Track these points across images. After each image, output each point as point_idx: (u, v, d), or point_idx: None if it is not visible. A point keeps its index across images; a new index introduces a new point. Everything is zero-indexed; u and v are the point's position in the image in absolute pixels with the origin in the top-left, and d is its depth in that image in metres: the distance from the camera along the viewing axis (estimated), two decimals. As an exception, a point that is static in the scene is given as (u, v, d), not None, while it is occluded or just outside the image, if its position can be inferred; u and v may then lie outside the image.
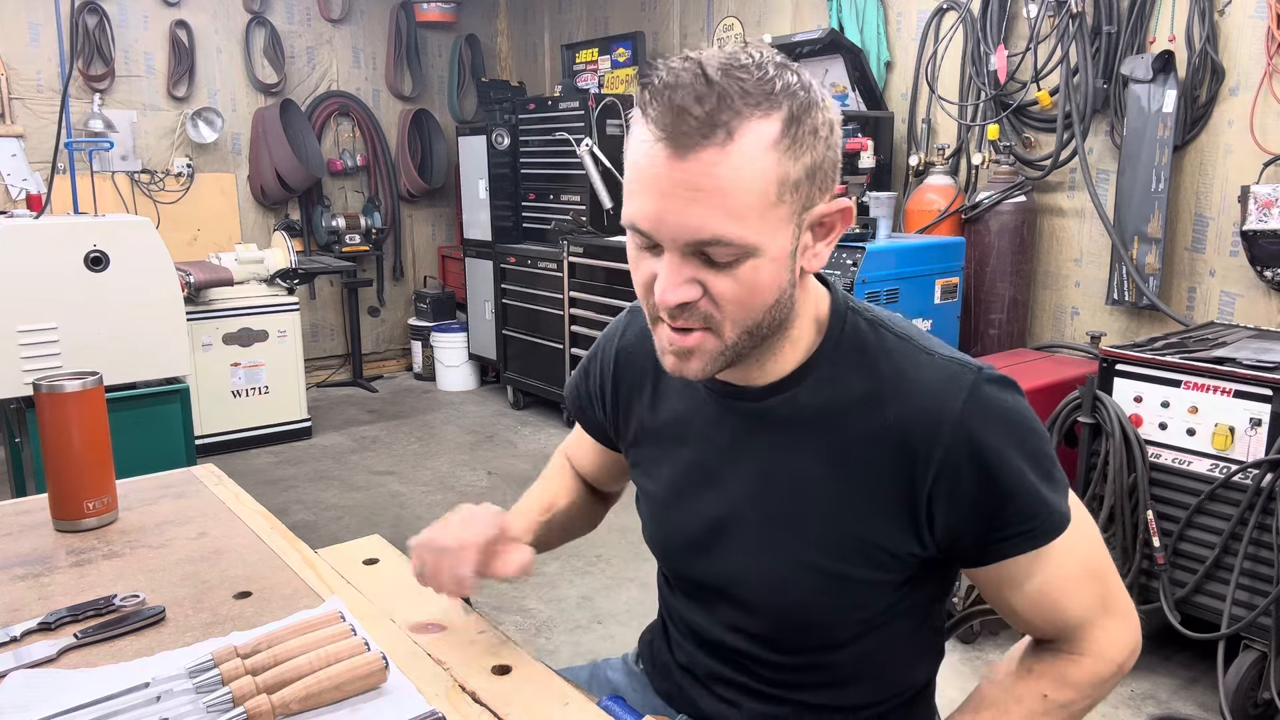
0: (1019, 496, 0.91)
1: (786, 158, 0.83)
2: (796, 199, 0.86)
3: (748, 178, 0.82)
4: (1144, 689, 2.53)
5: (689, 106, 0.80)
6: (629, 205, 0.87)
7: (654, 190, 0.84)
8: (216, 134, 5.56)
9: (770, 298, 0.89)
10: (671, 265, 0.86)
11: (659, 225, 0.85)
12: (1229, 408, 2.35)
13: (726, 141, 0.81)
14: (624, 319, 1.19)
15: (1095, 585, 0.98)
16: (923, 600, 1.04)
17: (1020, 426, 0.92)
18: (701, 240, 0.83)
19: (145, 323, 2.85)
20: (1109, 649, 0.98)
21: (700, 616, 1.11)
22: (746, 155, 0.82)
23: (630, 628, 2.87)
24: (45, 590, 1.16)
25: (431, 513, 3.92)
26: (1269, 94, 2.91)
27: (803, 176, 0.85)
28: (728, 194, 0.82)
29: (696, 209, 0.82)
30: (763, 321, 0.90)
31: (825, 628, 1.02)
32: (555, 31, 6.21)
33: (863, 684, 1.06)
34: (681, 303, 0.86)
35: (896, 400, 0.93)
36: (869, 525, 0.95)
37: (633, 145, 0.86)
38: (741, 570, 1.03)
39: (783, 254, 0.87)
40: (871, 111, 3.91)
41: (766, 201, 0.84)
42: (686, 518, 1.07)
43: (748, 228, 0.83)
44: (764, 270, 0.86)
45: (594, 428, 1.25)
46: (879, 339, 0.97)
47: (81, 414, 1.32)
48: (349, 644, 0.95)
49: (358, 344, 6.05)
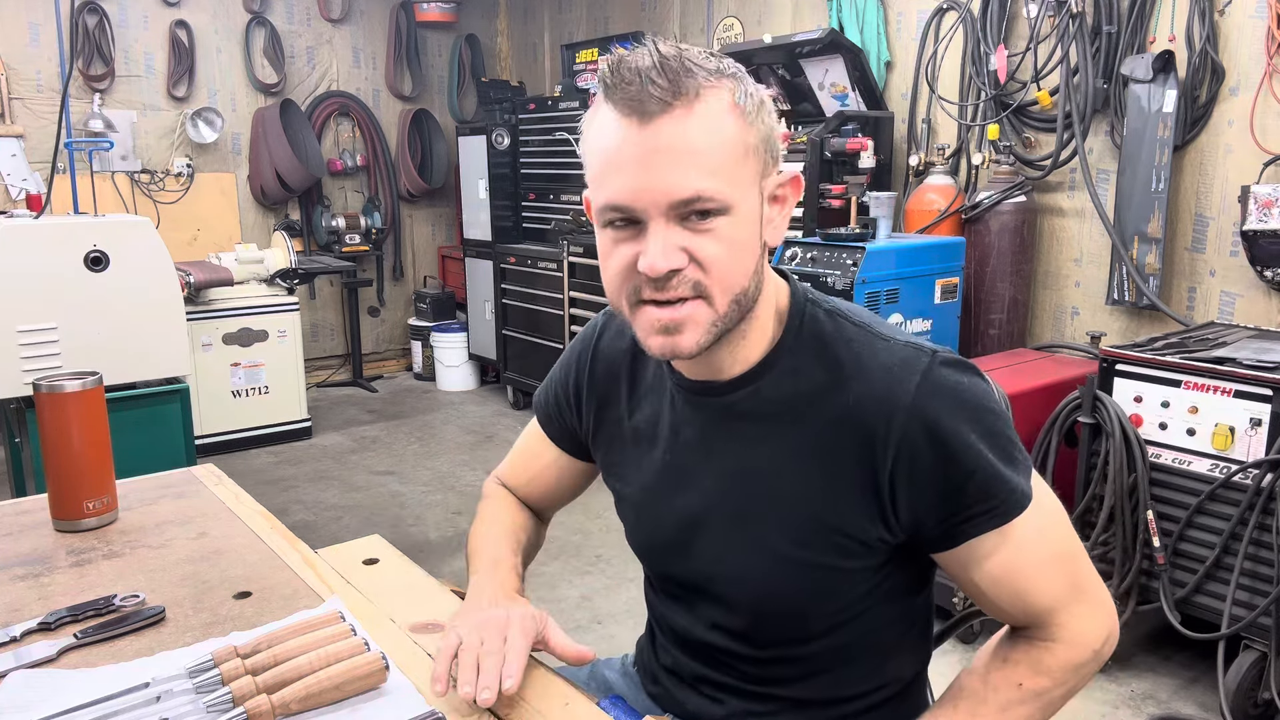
0: (977, 474, 0.92)
1: (743, 122, 0.89)
2: (756, 162, 0.91)
3: (718, 136, 0.88)
4: (1144, 689, 2.53)
5: (654, 78, 0.86)
6: (604, 189, 0.90)
7: (630, 164, 0.88)
8: (216, 134, 5.56)
9: (750, 260, 0.92)
10: (656, 233, 0.88)
11: (640, 195, 0.88)
12: (1229, 408, 2.35)
13: (694, 102, 0.87)
14: (599, 321, 1.20)
15: (1065, 569, 0.99)
16: (897, 591, 1.04)
17: (976, 407, 0.94)
18: (685, 199, 0.87)
19: (145, 323, 2.84)
20: (1082, 635, 0.98)
21: (682, 617, 1.12)
22: (713, 117, 0.87)
23: (629, 628, 2.88)
24: (45, 590, 1.16)
25: (431, 513, 3.93)
26: (1269, 94, 2.91)
27: (758, 143, 0.91)
28: (700, 152, 0.87)
29: (676, 169, 0.87)
30: (748, 288, 0.93)
31: (801, 618, 1.03)
32: (555, 31, 6.21)
33: (843, 676, 1.07)
34: (672, 269, 0.89)
35: (855, 385, 0.95)
36: (836, 513, 0.96)
37: (594, 134, 0.91)
38: (717, 566, 1.04)
39: (753, 217, 0.92)
40: (871, 111, 3.91)
41: (735, 159, 0.89)
42: (664, 517, 1.08)
43: (724, 182, 0.88)
44: (740, 229, 0.90)
45: (563, 434, 1.23)
46: (838, 328, 1.00)
47: (81, 414, 1.32)
48: (349, 644, 0.95)
49: (358, 344, 6.05)
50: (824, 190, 3.66)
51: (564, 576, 3.24)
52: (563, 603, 3.06)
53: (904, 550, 1.00)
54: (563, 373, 1.21)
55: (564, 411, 1.21)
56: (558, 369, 1.23)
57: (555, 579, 3.22)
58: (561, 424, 1.23)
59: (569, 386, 1.20)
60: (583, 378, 1.18)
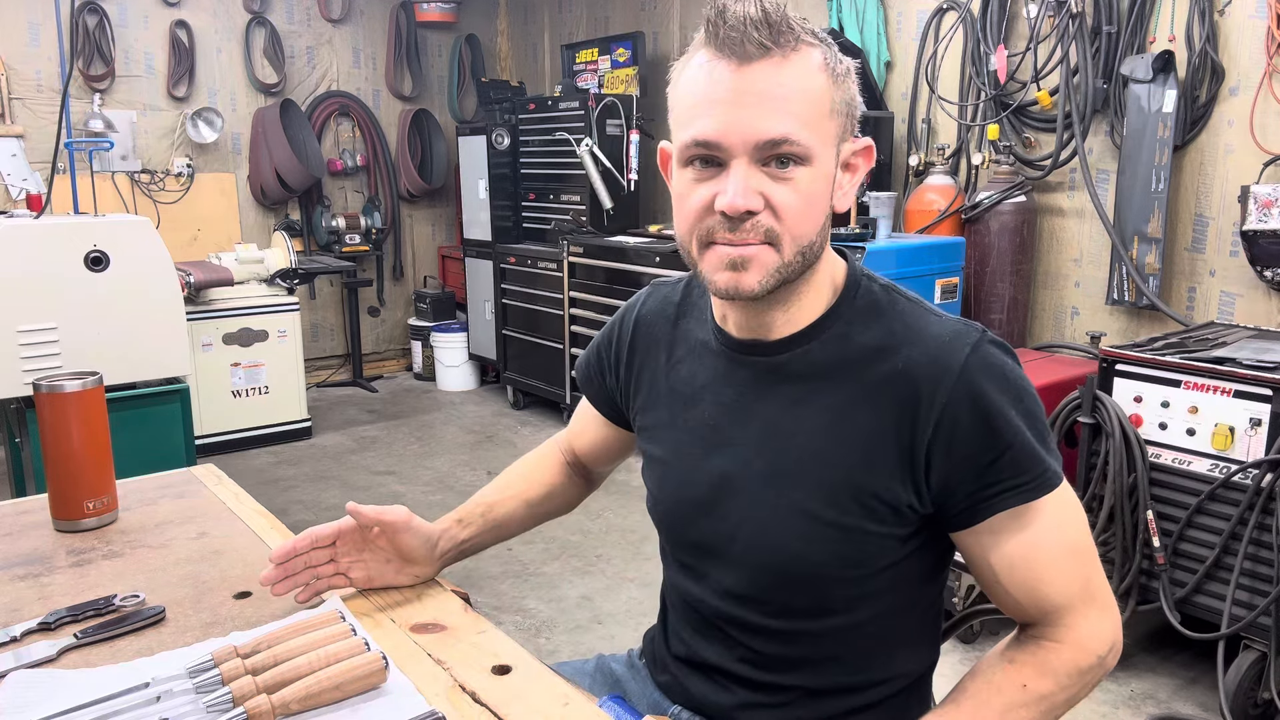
0: (1014, 449, 0.94)
1: (831, 82, 0.95)
2: (838, 124, 0.96)
3: (808, 88, 0.92)
4: (1144, 689, 2.53)
5: (754, 27, 0.90)
6: (692, 126, 0.94)
7: (723, 103, 0.92)
8: (216, 134, 5.56)
9: (820, 214, 0.96)
10: (738, 172, 0.92)
11: (729, 132, 0.91)
12: (1229, 408, 2.35)
13: (790, 53, 0.92)
14: (644, 292, 1.25)
15: (1079, 567, 0.99)
16: (913, 574, 1.05)
17: (1019, 388, 0.97)
18: (772, 139, 0.91)
19: (145, 323, 2.85)
20: (1089, 639, 0.99)
21: (693, 586, 1.13)
22: (806, 70, 0.93)
23: (630, 628, 2.88)
24: (45, 590, 1.16)
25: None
26: (1269, 94, 2.91)
27: (841, 105, 0.96)
28: (791, 99, 0.91)
29: (766, 111, 0.91)
30: (814, 242, 0.97)
31: (816, 584, 1.03)
32: (555, 31, 6.21)
33: (849, 663, 1.07)
34: (749, 209, 0.92)
35: (906, 350, 0.98)
36: (868, 473, 0.98)
37: (689, 75, 0.95)
38: (742, 526, 1.05)
39: (828, 174, 0.96)
40: (871, 111, 3.91)
41: (822, 113, 0.94)
42: (696, 475, 1.09)
43: (810, 132, 0.92)
44: (817, 183, 0.94)
45: (602, 398, 1.28)
46: (891, 300, 1.04)
47: (81, 414, 1.32)
48: (349, 644, 0.95)
49: (358, 344, 6.05)
50: (824, 190, 3.66)
51: (564, 576, 3.24)
52: (563, 603, 3.06)
53: (927, 526, 1.01)
54: (605, 336, 1.26)
55: (604, 372, 1.25)
56: (601, 333, 1.27)
57: (555, 579, 3.22)
58: (600, 385, 1.27)
59: (611, 349, 1.24)
60: (625, 339, 1.21)
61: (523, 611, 3.01)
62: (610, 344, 1.24)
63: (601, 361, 1.25)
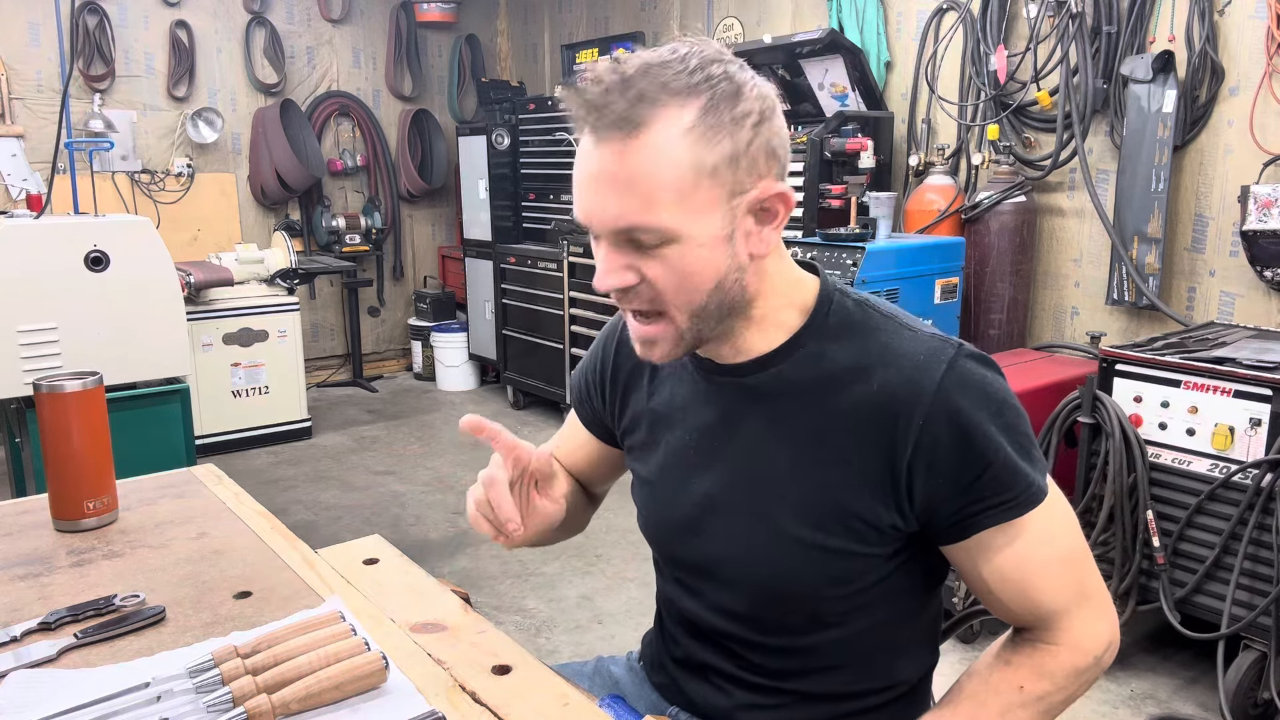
0: (995, 466, 0.93)
1: (701, 144, 0.87)
2: (718, 184, 0.89)
3: (657, 166, 0.87)
4: (1144, 689, 2.53)
5: (600, 102, 0.86)
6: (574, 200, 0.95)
7: (582, 185, 0.91)
8: (216, 134, 5.56)
9: (708, 281, 0.92)
10: (602, 253, 0.92)
11: (589, 215, 0.92)
12: (1229, 408, 2.35)
13: (636, 132, 0.86)
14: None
15: (1072, 572, 0.99)
16: (907, 588, 1.04)
17: (998, 401, 0.95)
18: (620, 228, 0.89)
19: (145, 323, 2.85)
20: (1085, 640, 0.99)
21: (689, 601, 1.12)
22: (656, 145, 0.86)
23: (630, 628, 2.88)
24: (45, 590, 1.16)
25: (431, 513, 3.93)
26: (1269, 94, 2.91)
27: (722, 162, 0.88)
28: (637, 182, 0.87)
29: (612, 198, 0.88)
30: (708, 304, 0.93)
31: (808, 603, 1.03)
32: (555, 31, 6.21)
33: (848, 672, 1.07)
34: (617, 288, 0.92)
35: (881, 372, 0.96)
36: (851, 496, 0.97)
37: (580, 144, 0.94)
38: (728, 547, 1.04)
39: (714, 239, 0.90)
40: (871, 111, 3.91)
41: (681, 188, 0.87)
42: (680, 497, 1.09)
43: (664, 214, 0.88)
44: (691, 255, 0.90)
45: (592, 418, 1.27)
46: (865, 317, 1.01)
47: (81, 414, 1.32)
48: (349, 644, 0.95)
49: (358, 344, 6.05)
50: (824, 190, 3.66)
51: (564, 576, 3.24)
52: (563, 602, 3.06)
53: (916, 542, 1.00)
54: (591, 359, 1.25)
55: (592, 395, 1.24)
56: (588, 355, 1.26)
57: (555, 579, 3.22)
58: (590, 408, 1.26)
59: (597, 372, 1.23)
60: (609, 363, 1.20)
61: (523, 611, 3.01)
62: (595, 368, 1.23)
63: (589, 385, 1.24)
